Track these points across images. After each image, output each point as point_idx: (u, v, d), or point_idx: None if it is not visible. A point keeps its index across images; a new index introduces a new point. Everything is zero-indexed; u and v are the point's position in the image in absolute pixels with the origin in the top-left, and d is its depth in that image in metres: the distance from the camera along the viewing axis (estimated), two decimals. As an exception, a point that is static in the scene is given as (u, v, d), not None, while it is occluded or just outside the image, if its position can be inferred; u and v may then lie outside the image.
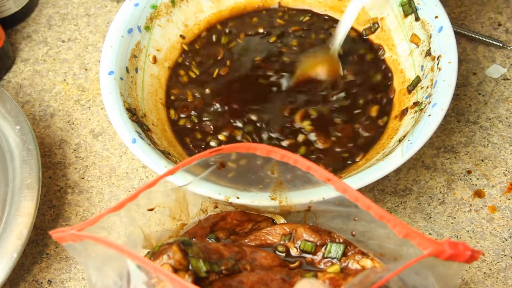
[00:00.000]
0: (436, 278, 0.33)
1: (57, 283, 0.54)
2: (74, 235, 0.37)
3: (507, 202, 0.56)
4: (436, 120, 0.49)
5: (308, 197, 0.46)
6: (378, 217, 0.35)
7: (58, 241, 0.39)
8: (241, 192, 0.47)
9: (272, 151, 0.40)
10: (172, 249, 0.39)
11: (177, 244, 0.39)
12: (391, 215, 0.35)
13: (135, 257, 0.35)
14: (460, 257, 0.32)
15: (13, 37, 0.72)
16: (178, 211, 0.47)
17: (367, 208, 0.36)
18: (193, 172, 0.47)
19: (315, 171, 0.39)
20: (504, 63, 0.66)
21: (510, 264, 0.53)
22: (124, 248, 0.35)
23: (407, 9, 0.59)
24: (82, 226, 0.38)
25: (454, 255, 0.32)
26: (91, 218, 0.38)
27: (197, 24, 0.65)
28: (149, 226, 0.45)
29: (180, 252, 0.39)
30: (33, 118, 0.65)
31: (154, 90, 0.60)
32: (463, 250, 0.32)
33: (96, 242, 0.36)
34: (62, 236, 0.38)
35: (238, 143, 0.46)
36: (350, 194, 0.37)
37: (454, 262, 0.33)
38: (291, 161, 0.40)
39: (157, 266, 0.34)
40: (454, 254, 0.31)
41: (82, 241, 0.37)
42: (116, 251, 0.35)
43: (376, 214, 0.35)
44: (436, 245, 0.32)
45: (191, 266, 0.39)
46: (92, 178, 0.60)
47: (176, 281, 0.34)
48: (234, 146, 0.42)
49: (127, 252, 0.35)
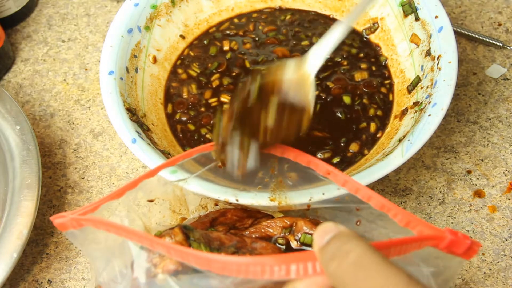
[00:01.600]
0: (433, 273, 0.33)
1: (57, 283, 0.54)
2: (74, 219, 0.37)
3: (507, 202, 0.56)
4: (436, 120, 0.49)
5: (307, 196, 0.46)
6: (379, 207, 0.35)
7: (59, 229, 0.38)
8: (240, 192, 0.47)
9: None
10: (174, 231, 0.39)
11: (179, 227, 0.39)
12: (392, 204, 0.34)
13: (135, 233, 0.34)
14: (459, 245, 0.32)
15: (13, 37, 0.72)
16: (178, 204, 0.47)
17: (367, 199, 0.35)
18: (190, 170, 0.46)
19: (316, 165, 0.38)
20: (504, 63, 0.66)
21: (510, 264, 0.53)
22: (124, 227, 0.34)
23: (407, 9, 0.59)
24: (82, 211, 0.38)
25: (454, 242, 0.31)
26: (91, 202, 0.38)
27: (197, 24, 0.65)
28: (149, 218, 0.45)
29: (182, 234, 0.39)
30: (33, 118, 0.65)
31: (154, 90, 0.60)
32: (463, 238, 0.32)
33: (96, 227, 0.36)
34: (63, 222, 0.37)
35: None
36: (351, 185, 0.36)
37: (454, 256, 0.33)
38: (291, 157, 0.40)
39: (153, 238, 0.34)
40: (454, 240, 0.31)
41: (83, 227, 0.37)
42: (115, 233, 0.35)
43: (377, 204, 0.35)
44: (436, 230, 0.32)
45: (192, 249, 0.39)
46: (92, 178, 0.60)
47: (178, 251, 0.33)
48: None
49: (125, 230, 0.34)
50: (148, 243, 0.34)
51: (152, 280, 0.36)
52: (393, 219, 0.34)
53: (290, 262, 0.29)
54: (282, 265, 0.29)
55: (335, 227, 0.30)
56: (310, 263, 0.29)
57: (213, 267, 0.31)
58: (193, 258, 0.31)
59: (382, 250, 0.29)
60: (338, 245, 0.29)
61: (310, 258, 0.29)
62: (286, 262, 0.29)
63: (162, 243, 0.33)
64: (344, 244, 0.29)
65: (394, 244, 0.30)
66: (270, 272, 0.29)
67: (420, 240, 0.32)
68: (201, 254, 0.31)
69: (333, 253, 0.29)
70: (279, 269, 0.29)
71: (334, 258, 0.28)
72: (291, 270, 0.29)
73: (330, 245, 0.29)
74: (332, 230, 0.30)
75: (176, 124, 0.58)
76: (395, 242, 0.30)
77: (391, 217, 0.34)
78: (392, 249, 0.30)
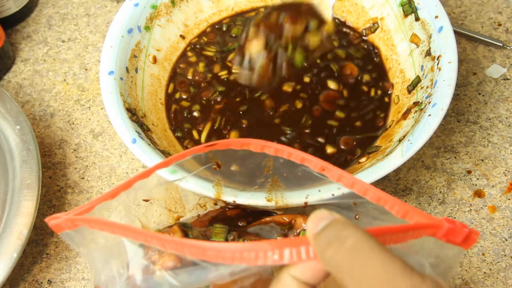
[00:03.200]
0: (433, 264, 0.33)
1: (57, 283, 0.54)
2: (69, 220, 0.37)
3: (507, 202, 0.56)
4: (436, 120, 0.49)
5: (303, 194, 0.46)
6: (376, 200, 0.34)
7: (55, 230, 0.38)
8: (240, 192, 0.47)
9: (266, 145, 0.40)
10: (172, 229, 0.39)
11: (178, 225, 0.39)
12: (389, 196, 0.34)
13: (129, 229, 0.34)
14: (457, 234, 0.32)
15: (13, 37, 0.72)
16: (173, 203, 0.47)
17: (363, 193, 0.35)
18: (187, 168, 0.47)
19: (310, 161, 0.38)
20: (504, 63, 0.66)
21: (510, 264, 0.53)
22: (117, 224, 0.34)
23: (407, 9, 0.59)
24: (77, 211, 0.37)
25: (452, 230, 0.31)
26: (85, 204, 0.38)
27: (197, 24, 0.65)
28: (147, 217, 0.45)
29: (181, 232, 0.39)
30: (33, 118, 0.65)
31: (154, 90, 0.60)
32: (460, 227, 0.32)
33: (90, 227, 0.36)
34: (58, 223, 0.37)
35: (232, 139, 0.46)
36: (346, 180, 0.36)
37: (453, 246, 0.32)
38: (285, 155, 0.39)
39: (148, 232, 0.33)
40: (452, 228, 0.31)
41: (78, 228, 0.37)
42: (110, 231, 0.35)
43: (374, 198, 0.35)
44: (434, 219, 0.32)
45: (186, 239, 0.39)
46: (92, 178, 0.60)
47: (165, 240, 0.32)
48: (227, 142, 0.42)
49: (121, 227, 0.34)
50: (143, 238, 0.33)
51: (149, 277, 0.36)
52: (390, 211, 0.34)
53: (283, 246, 0.29)
54: (275, 249, 0.29)
55: (329, 214, 0.30)
56: (303, 247, 0.29)
57: (207, 256, 0.30)
58: (188, 248, 0.31)
59: (378, 237, 0.29)
60: (335, 232, 0.29)
61: (303, 243, 0.29)
62: (280, 247, 0.29)
63: (156, 236, 0.32)
64: (341, 231, 0.29)
65: (390, 231, 0.30)
66: (264, 258, 0.29)
67: (417, 229, 0.31)
68: (195, 242, 0.31)
69: (329, 240, 0.28)
70: (273, 254, 0.29)
71: (330, 244, 0.28)
72: (285, 254, 0.29)
73: (326, 231, 0.29)
74: (327, 217, 0.30)
75: (172, 104, 0.59)
76: (391, 229, 0.30)
77: (388, 209, 0.34)
78: (388, 236, 0.30)
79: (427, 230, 0.31)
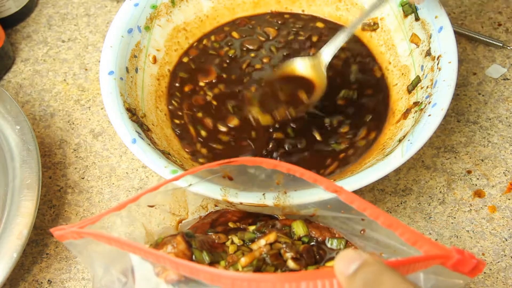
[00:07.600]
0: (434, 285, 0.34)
1: (57, 283, 0.54)
2: (75, 232, 0.37)
3: (507, 202, 0.56)
4: (436, 120, 0.49)
5: (312, 197, 0.46)
6: (387, 225, 0.35)
7: (58, 239, 0.39)
8: (243, 192, 0.47)
9: (278, 165, 0.41)
10: (176, 240, 0.39)
11: (181, 235, 0.39)
12: (400, 222, 0.35)
13: (136, 247, 0.35)
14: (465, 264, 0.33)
15: (13, 37, 0.72)
16: (177, 206, 0.47)
17: (375, 217, 0.36)
18: (200, 175, 0.47)
19: (322, 182, 0.39)
20: (504, 63, 0.66)
21: (510, 264, 0.53)
22: (124, 241, 0.35)
23: (407, 9, 0.59)
24: (83, 224, 0.38)
25: (461, 261, 0.33)
26: (92, 216, 0.38)
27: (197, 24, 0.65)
28: (150, 222, 0.45)
29: (184, 243, 0.39)
30: (33, 118, 0.65)
31: (154, 90, 0.60)
32: (469, 258, 0.33)
33: (96, 240, 0.36)
34: (62, 234, 0.38)
35: (246, 157, 0.47)
36: (359, 204, 0.37)
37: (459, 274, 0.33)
38: (297, 174, 0.40)
39: (158, 253, 0.34)
40: (461, 260, 0.32)
41: (83, 238, 0.37)
42: (117, 246, 0.35)
43: (385, 223, 0.35)
44: (444, 250, 0.33)
45: (195, 257, 0.39)
46: (92, 178, 0.60)
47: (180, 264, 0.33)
48: (241, 160, 0.42)
49: (128, 245, 0.35)
50: (154, 258, 0.34)
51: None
52: (400, 238, 0.35)
53: (300, 279, 0.30)
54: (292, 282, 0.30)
55: (359, 256, 0.31)
56: (319, 281, 0.30)
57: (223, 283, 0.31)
58: (203, 274, 0.32)
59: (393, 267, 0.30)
60: (370, 276, 0.30)
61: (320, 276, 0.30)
62: (296, 280, 0.30)
63: (169, 259, 0.33)
64: (378, 276, 0.29)
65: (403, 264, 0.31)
66: None
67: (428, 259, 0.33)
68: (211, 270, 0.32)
69: (364, 284, 0.29)
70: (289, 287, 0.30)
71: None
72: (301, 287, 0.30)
73: (359, 274, 0.30)
74: (357, 259, 0.30)
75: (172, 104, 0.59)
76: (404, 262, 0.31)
77: (399, 236, 0.35)
78: (401, 268, 0.31)
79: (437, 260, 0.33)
